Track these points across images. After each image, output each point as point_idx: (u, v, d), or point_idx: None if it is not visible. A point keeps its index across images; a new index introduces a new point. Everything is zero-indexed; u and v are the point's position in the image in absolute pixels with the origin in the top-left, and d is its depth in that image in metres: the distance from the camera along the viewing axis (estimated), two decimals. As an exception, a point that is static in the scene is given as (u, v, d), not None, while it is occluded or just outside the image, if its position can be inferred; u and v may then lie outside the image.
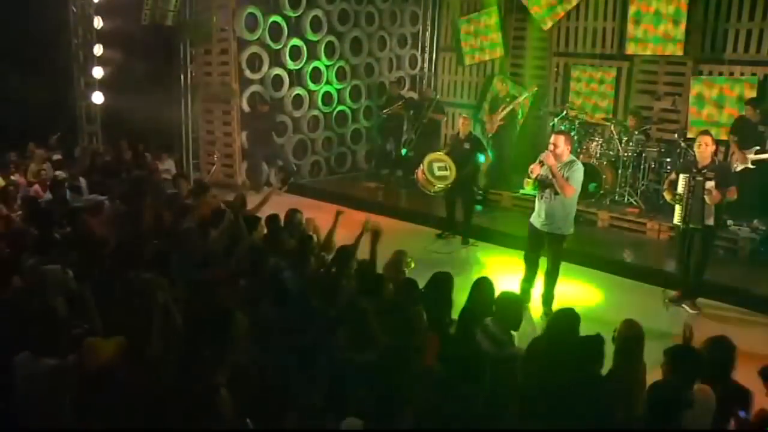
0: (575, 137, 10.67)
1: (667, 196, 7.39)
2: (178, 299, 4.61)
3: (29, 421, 3.89)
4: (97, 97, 12.49)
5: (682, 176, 7.12)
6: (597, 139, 10.58)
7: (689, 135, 9.94)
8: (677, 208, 7.18)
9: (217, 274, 5.59)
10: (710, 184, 6.83)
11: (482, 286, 5.02)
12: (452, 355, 4.28)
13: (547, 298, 6.97)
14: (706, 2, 10.41)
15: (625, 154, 10.18)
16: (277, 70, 12.34)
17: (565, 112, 11.00)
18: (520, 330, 4.75)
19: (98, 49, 12.33)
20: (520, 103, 11.24)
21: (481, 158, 9.41)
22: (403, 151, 12.23)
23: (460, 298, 5.13)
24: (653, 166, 10.26)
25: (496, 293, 4.89)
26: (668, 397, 3.66)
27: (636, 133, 10.24)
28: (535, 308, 7.06)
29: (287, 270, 5.50)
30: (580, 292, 7.69)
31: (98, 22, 12.23)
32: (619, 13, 11.35)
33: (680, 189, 7.10)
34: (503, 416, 3.83)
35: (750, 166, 9.04)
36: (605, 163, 10.35)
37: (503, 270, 7.24)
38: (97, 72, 12.37)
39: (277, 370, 4.06)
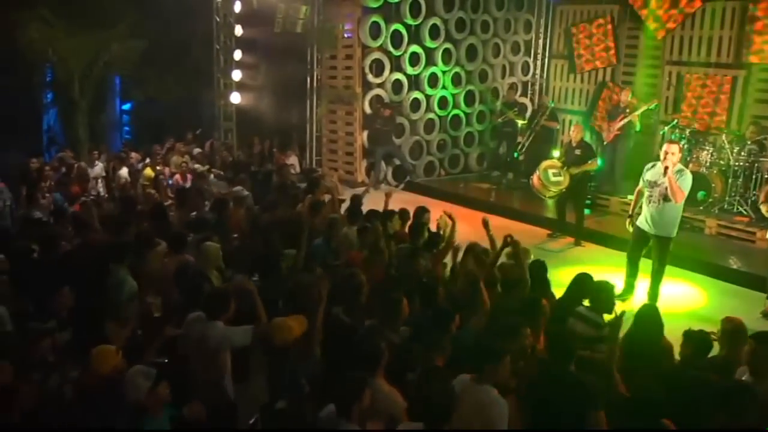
0: (686, 146, 10.83)
1: (763, 208, 7.32)
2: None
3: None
4: (235, 98, 13.66)
5: None
6: (708, 148, 10.62)
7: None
8: None
9: (353, 257, 6.41)
10: None
11: (582, 280, 5.49)
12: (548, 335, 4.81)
13: (653, 295, 7.27)
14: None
15: (737, 163, 10.22)
16: (398, 75, 13.10)
17: (676, 121, 11.13)
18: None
19: (238, 54, 13.49)
20: (639, 116, 11.23)
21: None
22: (515, 155, 12.70)
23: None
24: (766, 176, 10.19)
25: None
26: None
27: (749, 142, 10.26)
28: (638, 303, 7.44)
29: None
30: (685, 293, 8.01)
31: (238, 30, 13.38)
32: (738, 21, 11.33)
33: None
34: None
35: None
36: (715, 171, 10.41)
37: (610, 269, 7.65)
38: (236, 75, 13.53)
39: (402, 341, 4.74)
